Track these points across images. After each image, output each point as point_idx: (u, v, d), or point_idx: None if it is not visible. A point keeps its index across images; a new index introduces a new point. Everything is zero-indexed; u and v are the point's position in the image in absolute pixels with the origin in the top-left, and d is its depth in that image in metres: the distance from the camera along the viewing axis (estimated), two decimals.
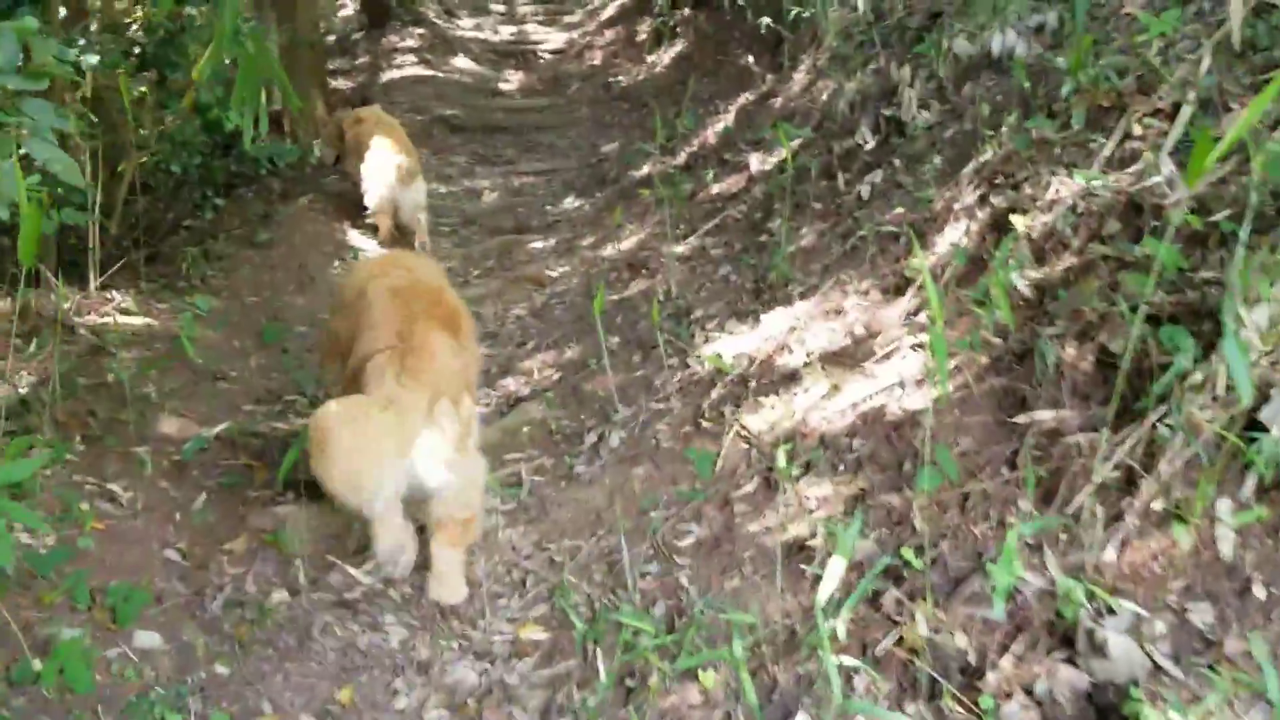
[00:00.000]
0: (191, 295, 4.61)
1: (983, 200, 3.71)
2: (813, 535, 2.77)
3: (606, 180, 7.82)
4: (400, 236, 6.30)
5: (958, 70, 4.61)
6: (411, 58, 11.72)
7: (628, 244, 5.86)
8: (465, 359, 3.04)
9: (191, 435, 3.50)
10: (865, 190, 4.41)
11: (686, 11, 9.95)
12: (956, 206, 3.77)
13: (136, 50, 4.65)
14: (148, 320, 4.18)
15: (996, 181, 3.68)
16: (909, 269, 3.59)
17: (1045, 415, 2.61)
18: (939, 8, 5.20)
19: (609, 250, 5.93)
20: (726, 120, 7.23)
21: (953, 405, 2.88)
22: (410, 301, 2.98)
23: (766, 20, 7.02)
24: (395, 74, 11.30)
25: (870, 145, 4.77)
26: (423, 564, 3.01)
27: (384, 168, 6.07)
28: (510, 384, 4.49)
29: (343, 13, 14.30)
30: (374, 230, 6.46)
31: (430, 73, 11.30)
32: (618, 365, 4.15)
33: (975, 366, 2.94)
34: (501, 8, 13.98)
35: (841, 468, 2.95)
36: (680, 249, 5.27)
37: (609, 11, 12.47)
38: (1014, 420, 2.68)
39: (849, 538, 2.13)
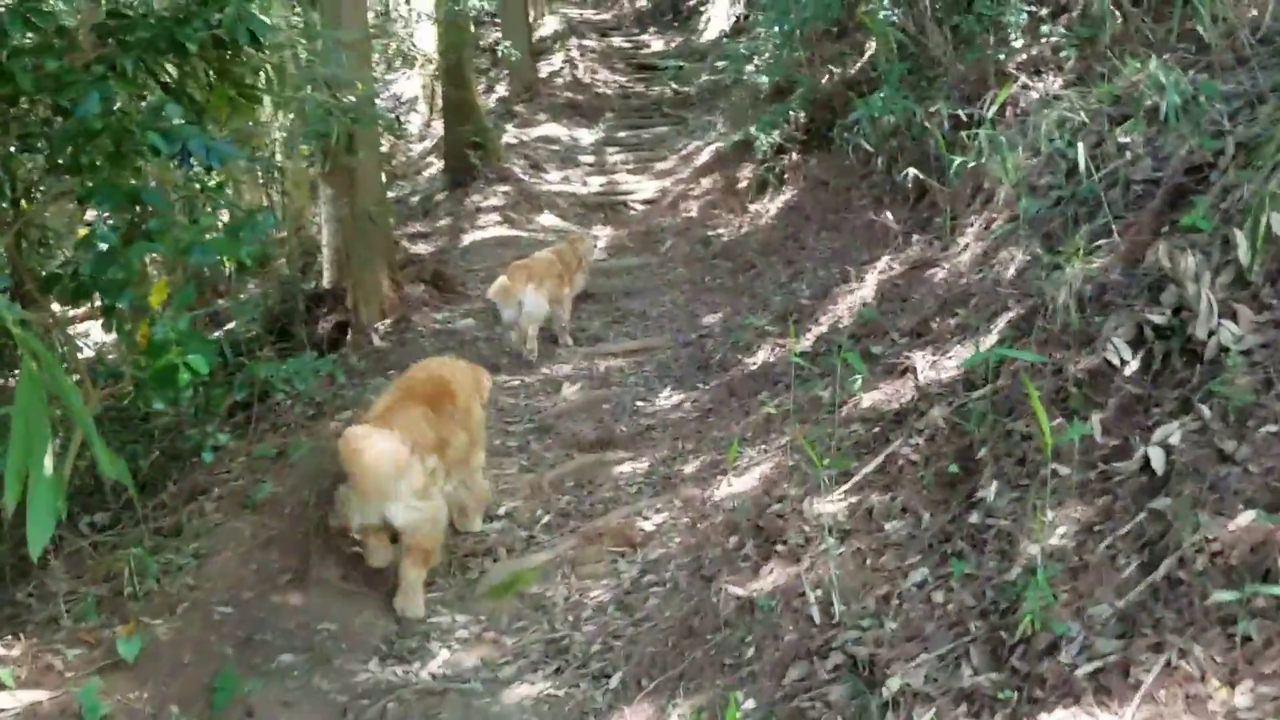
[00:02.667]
0: (127, 623, 3.04)
1: None
2: None
3: (710, 365, 6.17)
4: None
5: (1271, 257, 2.83)
6: (495, 217, 10.56)
7: (749, 482, 4.13)
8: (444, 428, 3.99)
9: None
10: (1156, 458, 2.58)
11: (794, 156, 8.46)
12: None
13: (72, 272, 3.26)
14: (34, 695, 2.61)
15: None
16: None
17: None
18: (1196, 158, 3.46)
19: (722, 490, 4.20)
20: (863, 292, 5.54)
21: None
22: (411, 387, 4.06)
23: (912, 171, 5.37)
24: (478, 235, 10.12)
25: (1133, 368, 2.97)
26: None
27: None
28: None
29: (427, 172, 13.44)
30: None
31: (514, 233, 10.09)
32: None
33: None
34: (591, 158, 12.85)
35: None
36: (831, 507, 3.50)
37: (704, 157, 11.14)
38: None
39: None
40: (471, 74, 12.27)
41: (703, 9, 18.03)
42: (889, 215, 5.70)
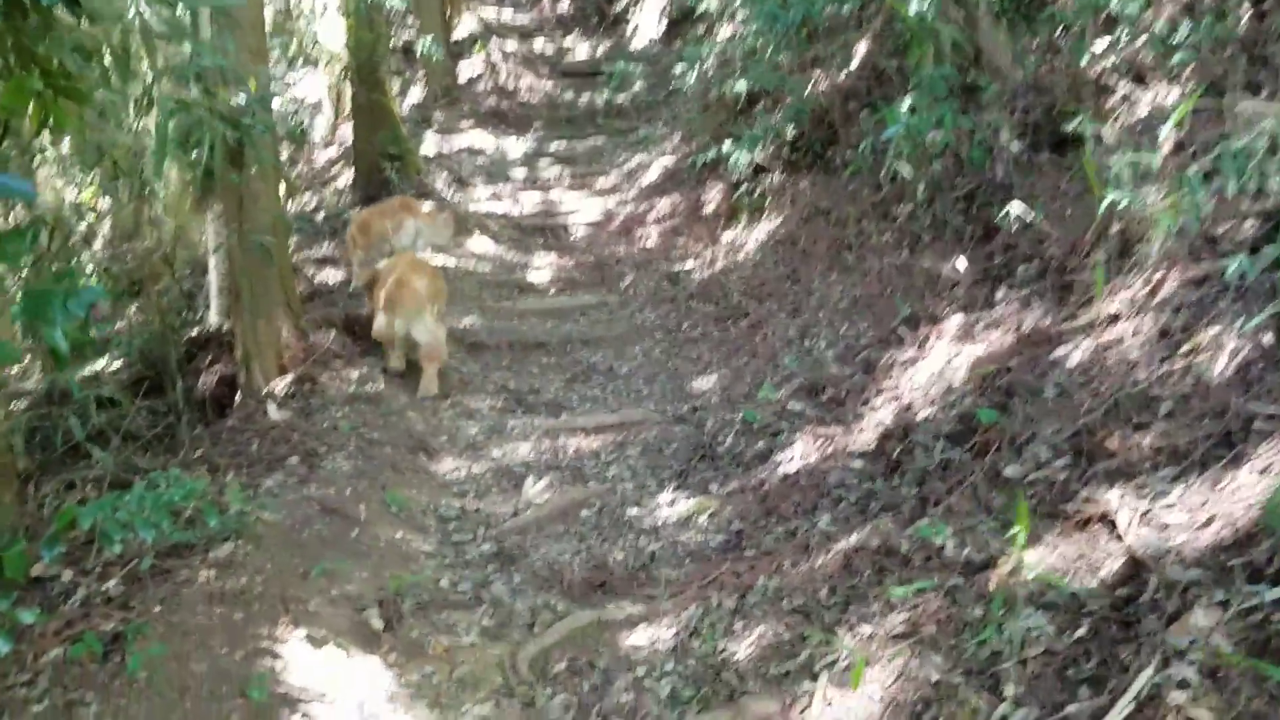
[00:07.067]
0: None
1: None
2: None
3: (717, 453, 4.60)
4: None
5: None
6: None
7: (865, 704, 2.58)
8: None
9: None
10: None
11: (776, 178, 6.99)
12: None
13: None
14: None
15: None
16: None
17: None
18: None
19: (818, 710, 2.65)
20: (929, 364, 4.08)
21: None
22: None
23: (1017, 207, 3.91)
24: None
25: None
26: None
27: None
28: None
29: (335, 184, 11.49)
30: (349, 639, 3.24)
31: (437, 260, 8.30)
32: None
33: None
34: (522, 171, 11.14)
35: None
36: None
37: (653, 175, 9.59)
38: None
39: None
40: (386, 75, 10.41)
41: (629, 15, 16.55)
42: (962, 261, 4.23)
